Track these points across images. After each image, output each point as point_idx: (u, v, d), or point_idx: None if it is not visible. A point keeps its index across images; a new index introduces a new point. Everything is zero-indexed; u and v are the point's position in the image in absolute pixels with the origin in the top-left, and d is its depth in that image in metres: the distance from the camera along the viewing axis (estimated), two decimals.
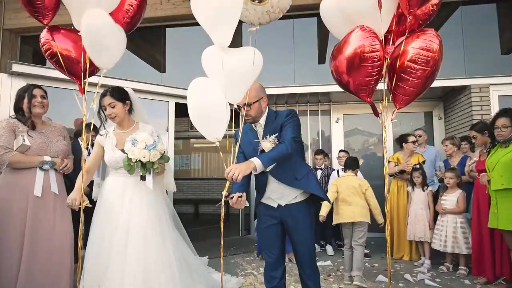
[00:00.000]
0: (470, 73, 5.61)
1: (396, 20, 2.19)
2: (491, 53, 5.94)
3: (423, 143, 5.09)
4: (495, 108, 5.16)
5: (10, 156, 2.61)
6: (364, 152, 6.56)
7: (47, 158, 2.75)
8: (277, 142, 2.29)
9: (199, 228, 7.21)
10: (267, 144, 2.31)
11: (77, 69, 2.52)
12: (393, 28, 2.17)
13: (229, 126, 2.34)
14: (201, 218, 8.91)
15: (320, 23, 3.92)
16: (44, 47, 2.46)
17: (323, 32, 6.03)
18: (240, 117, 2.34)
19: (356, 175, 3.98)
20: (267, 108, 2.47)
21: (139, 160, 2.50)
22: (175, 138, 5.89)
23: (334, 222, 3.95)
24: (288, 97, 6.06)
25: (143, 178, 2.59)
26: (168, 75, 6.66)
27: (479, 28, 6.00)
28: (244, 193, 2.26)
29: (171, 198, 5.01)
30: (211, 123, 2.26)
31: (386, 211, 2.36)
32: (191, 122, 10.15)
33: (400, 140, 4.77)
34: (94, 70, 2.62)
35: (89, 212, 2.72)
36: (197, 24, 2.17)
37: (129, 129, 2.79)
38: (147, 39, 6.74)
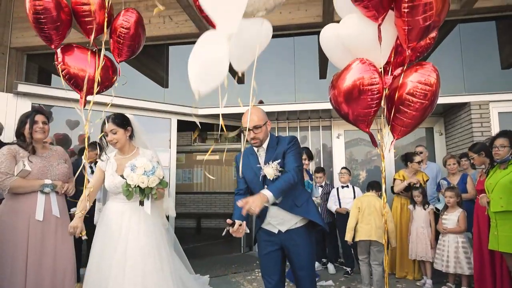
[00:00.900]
0: (469, 89, 5.65)
1: (394, 51, 2.25)
2: (490, 69, 5.99)
3: (424, 159, 5.11)
4: (495, 125, 5.18)
5: (11, 182, 2.67)
6: (367, 163, 6.56)
7: (47, 181, 2.81)
8: (280, 169, 2.33)
9: (200, 244, 7.21)
10: (270, 170, 2.33)
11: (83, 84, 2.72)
12: (392, 59, 2.22)
13: (232, 141, 2.37)
14: (203, 233, 8.89)
15: None
16: (59, 66, 2.72)
17: None
18: (242, 140, 2.38)
19: (379, 196, 4.20)
20: (269, 132, 2.52)
21: (138, 186, 2.54)
22: (178, 152, 5.93)
23: (348, 238, 4.03)
24: (289, 113, 6.11)
25: (141, 203, 2.63)
26: (171, 91, 6.75)
27: (478, 44, 6.06)
28: (245, 222, 2.29)
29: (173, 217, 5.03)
30: (207, 76, 2.07)
31: (385, 230, 2.41)
32: (193, 136, 10.08)
33: (406, 159, 4.79)
34: (104, 87, 2.77)
35: (90, 235, 2.77)
36: None
37: (130, 155, 2.84)
38: (150, 56, 6.85)
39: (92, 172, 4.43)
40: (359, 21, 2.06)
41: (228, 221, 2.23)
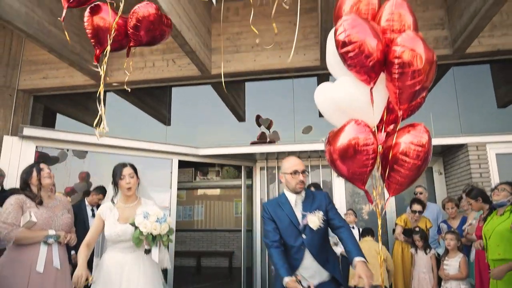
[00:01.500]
0: (466, 130, 5.72)
1: (386, 109, 2.34)
2: (486, 109, 6.07)
3: (424, 200, 5.10)
4: (493, 167, 5.21)
5: (16, 233, 2.70)
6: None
7: (51, 232, 2.84)
8: (324, 219, 2.42)
9: (200, 286, 7.05)
10: (315, 219, 2.40)
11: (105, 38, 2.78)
12: (384, 117, 2.31)
13: (233, 177, 2.43)
14: (204, 273, 8.73)
15: (320, 82, 4.08)
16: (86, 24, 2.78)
17: None
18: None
19: (376, 240, 4.34)
20: None
21: (150, 233, 2.57)
22: (178, 189, 5.94)
23: (352, 283, 4.00)
24: (289, 154, 6.18)
25: (147, 251, 2.64)
26: (173, 128, 6.87)
27: (472, 86, 6.19)
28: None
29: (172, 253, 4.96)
30: None
31: (380, 274, 2.43)
32: (194, 172, 10.10)
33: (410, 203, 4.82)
34: (115, 48, 2.85)
35: None
36: (201, 84, 2.31)
37: (133, 204, 2.87)
38: (154, 96, 7.03)
39: (93, 215, 4.46)
40: (352, 84, 2.17)
41: (295, 278, 2.25)
